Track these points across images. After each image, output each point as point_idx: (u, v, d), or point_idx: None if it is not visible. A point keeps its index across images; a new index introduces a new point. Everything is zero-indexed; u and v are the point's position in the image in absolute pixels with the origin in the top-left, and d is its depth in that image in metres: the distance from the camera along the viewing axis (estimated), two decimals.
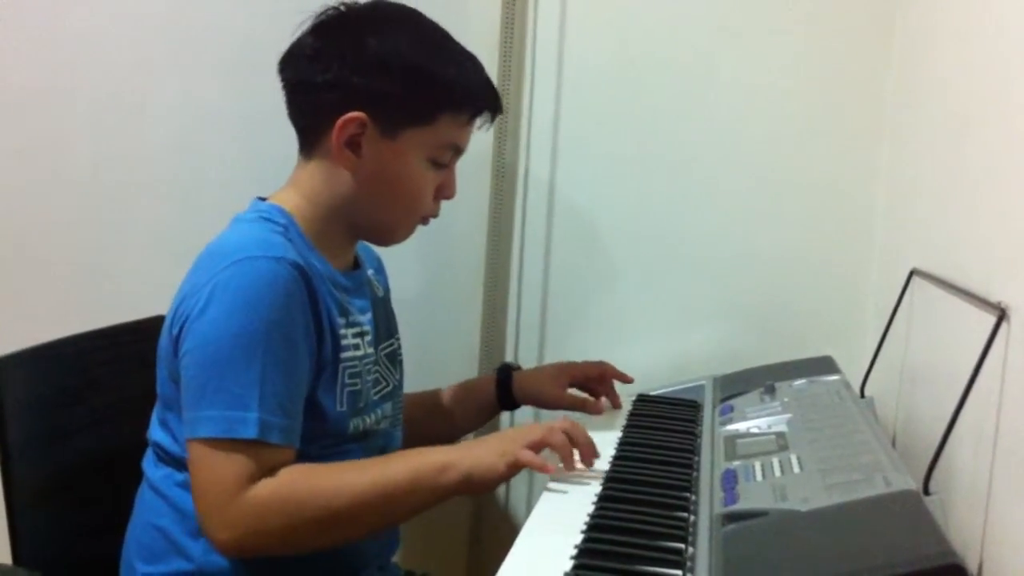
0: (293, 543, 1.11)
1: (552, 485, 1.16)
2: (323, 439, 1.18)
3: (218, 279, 1.10)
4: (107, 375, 1.35)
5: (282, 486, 1.08)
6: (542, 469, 1.15)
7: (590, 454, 1.20)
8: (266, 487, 1.07)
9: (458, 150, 1.28)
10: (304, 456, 1.13)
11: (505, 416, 1.72)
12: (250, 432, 1.07)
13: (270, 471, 1.08)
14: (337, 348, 1.19)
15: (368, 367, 1.26)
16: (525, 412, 1.67)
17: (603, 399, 1.54)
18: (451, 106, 1.24)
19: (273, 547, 1.11)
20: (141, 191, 1.72)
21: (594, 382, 1.55)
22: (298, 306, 1.12)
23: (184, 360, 1.11)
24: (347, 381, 1.21)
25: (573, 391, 1.54)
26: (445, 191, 1.29)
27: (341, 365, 1.20)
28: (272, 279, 1.10)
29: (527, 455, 1.14)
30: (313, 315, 1.15)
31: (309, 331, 1.14)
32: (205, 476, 1.08)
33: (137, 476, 1.24)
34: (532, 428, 1.19)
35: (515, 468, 1.14)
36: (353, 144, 1.21)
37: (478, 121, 1.28)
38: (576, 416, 1.46)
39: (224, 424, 1.07)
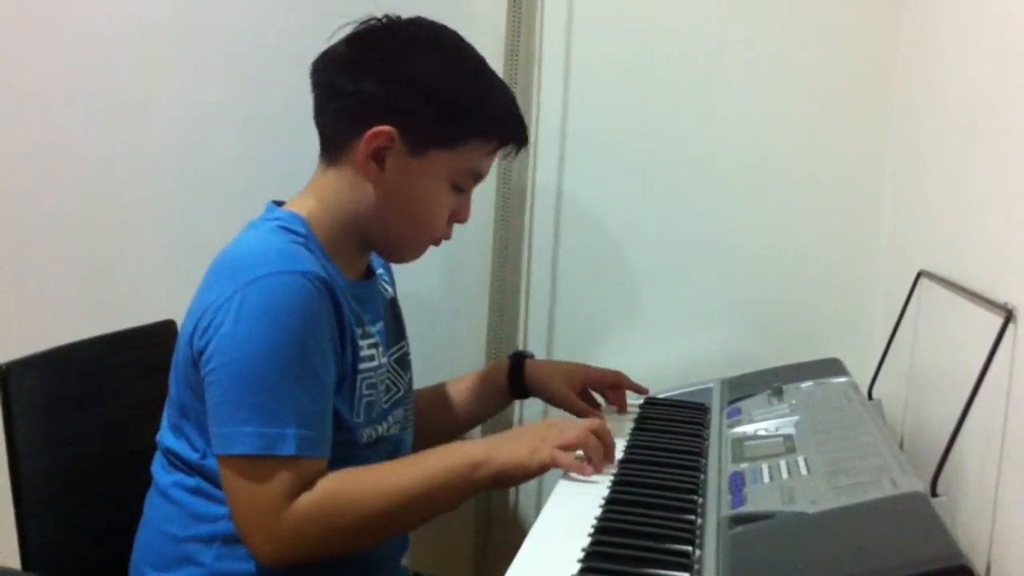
0: (335, 549, 1.13)
1: (560, 488, 1.16)
2: (337, 448, 1.17)
3: (245, 293, 1.10)
4: (116, 380, 1.35)
5: (323, 496, 1.10)
6: (579, 471, 1.17)
7: (611, 458, 1.22)
8: (308, 499, 1.09)
9: (478, 176, 1.29)
10: None
11: (515, 410, 1.73)
12: (290, 449, 1.08)
13: (308, 483, 1.10)
14: (356, 359, 1.20)
15: (381, 376, 1.27)
16: (536, 404, 1.66)
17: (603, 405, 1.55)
18: (482, 134, 1.24)
19: (316, 554, 1.12)
20: (148, 193, 1.72)
21: (607, 390, 1.55)
22: (325, 320, 1.13)
23: (213, 375, 1.11)
24: (364, 392, 1.22)
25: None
26: (459, 215, 1.30)
27: (359, 376, 1.21)
28: (302, 294, 1.10)
29: (562, 458, 1.16)
30: (338, 328, 1.15)
31: (335, 344, 1.15)
32: (247, 493, 1.09)
33: (147, 481, 1.24)
34: (566, 428, 1.20)
35: (546, 468, 1.15)
36: (378, 157, 1.21)
37: (502, 151, 1.29)
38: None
39: (263, 441, 1.08)
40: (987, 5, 1.22)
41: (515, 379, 1.53)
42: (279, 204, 1.25)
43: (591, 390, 1.55)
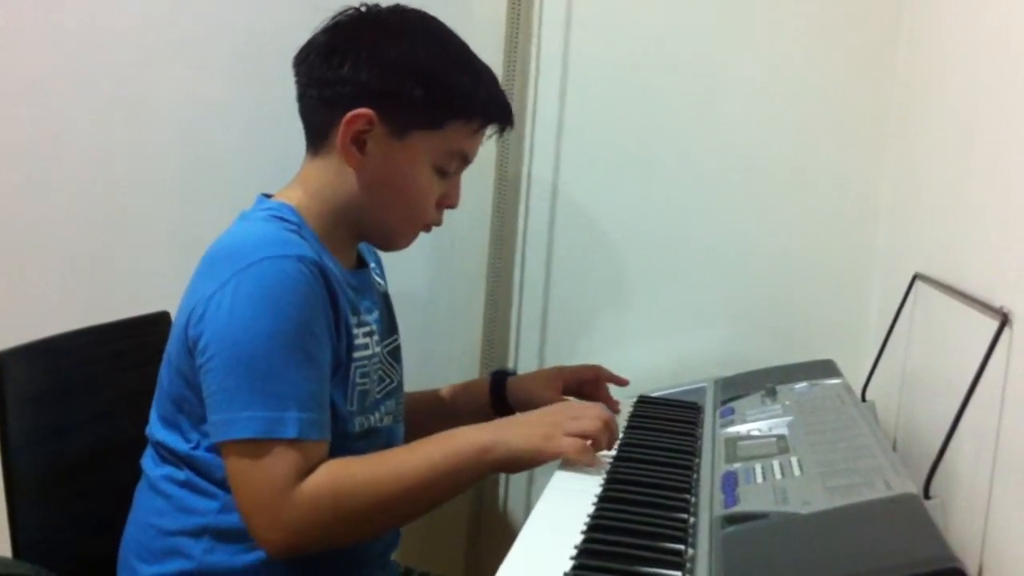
0: (340, 537, 1.12)
1: (552, 485, 1.16)
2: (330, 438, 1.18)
3: (239, 279, 1.09)
4: (109, 371, 1.35)
5: (327, 480, 1.09)
6: (590, 465, 1.17)
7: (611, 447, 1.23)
8: (311, 483, 1.08)
9: (465, 159, 1.28)
10: None
11: None
12: (291, 431, 1.07)
13: (311, 467, 1.09)
14: (351, 347, 1.20)
15: (375, 366, 1.26)
16: None
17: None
18: (462, 114, 1.24)
19: (324, 541, 1.11)
20: (144, 187, 1.72)
21: (588, 385, 1.55)
22: (320, 304, 1.13)
23: (210, 363, 1.10)
24: (358, 380, 1.21)
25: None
26: (448, 200, 1.29)
27: (353, 364, 1.20)
28: (297, 278, 1.10)
29: (577, 452, 1.16)
30: (333, 313, 1.15)
31: (330, 328, 1.15)
32: (250, 478, 1.08)
33: (138, 473, 1.24)
34: (581, 415, 1.20)
35: (560, 456, 1.16)
36: (359, 141, 1.21)
37: (487, 131, 1.29)
38: None
39: (264, 424, 1.07)
40: (986, 8, 1.22)
41: (496, 397, 1.53)
42: (268, 197, 1.25)
43: (574, 390, 1.54)
